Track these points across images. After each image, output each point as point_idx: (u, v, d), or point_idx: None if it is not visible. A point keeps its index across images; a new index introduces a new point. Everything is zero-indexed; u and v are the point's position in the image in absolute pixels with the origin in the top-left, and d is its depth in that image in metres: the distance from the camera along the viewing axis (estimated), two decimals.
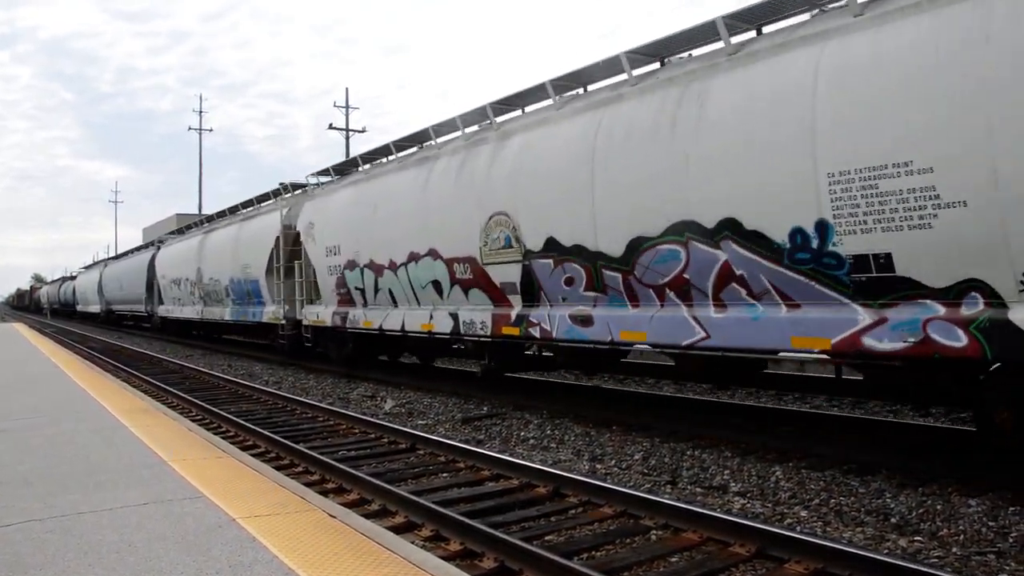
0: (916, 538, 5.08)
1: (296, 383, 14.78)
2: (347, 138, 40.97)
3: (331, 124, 46.72)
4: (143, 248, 36.13)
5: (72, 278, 62.03)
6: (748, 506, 5.94)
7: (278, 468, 6.76)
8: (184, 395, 12.32)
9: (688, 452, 7.49)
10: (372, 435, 8.95)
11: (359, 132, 41.70)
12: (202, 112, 72.19)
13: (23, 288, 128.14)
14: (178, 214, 56.09)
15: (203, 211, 48.79)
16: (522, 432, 9.05)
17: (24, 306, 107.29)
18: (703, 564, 4.65)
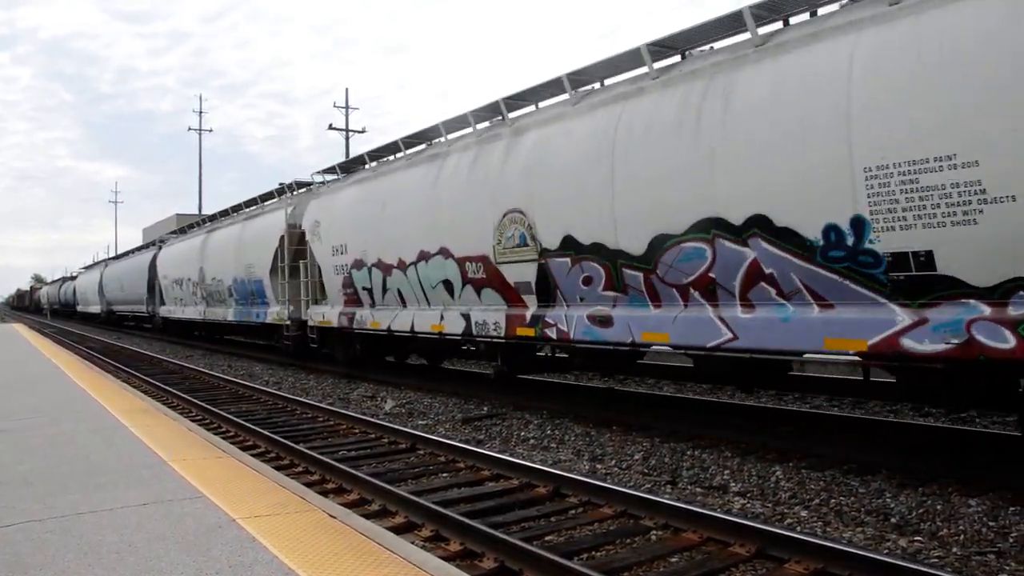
0: (916, 538, 5.08)
1: (296, 383, 14.77)
2: (347, 138, 41.04)
3: (331, 124, 46.68)
4: (144, 248, 36.08)
5: (72, 278, 61.98)
6: (748, 506, 5.94)
7: (278, 468, 6.77)
8: (184, 395, 12.32)
9: (688, 452, 7.49)
10: (372, 435, 8.95)
11: (359, 132, 41.77)
12: (202, 112, 72.23)
13: (23, 288, 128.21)
14: (178, 214, 56.12)
15: (203, 211, 48.89)
16: (522, 432, 9.05)
17: (24, 306, 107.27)
18: (703, 564, 4.65)
